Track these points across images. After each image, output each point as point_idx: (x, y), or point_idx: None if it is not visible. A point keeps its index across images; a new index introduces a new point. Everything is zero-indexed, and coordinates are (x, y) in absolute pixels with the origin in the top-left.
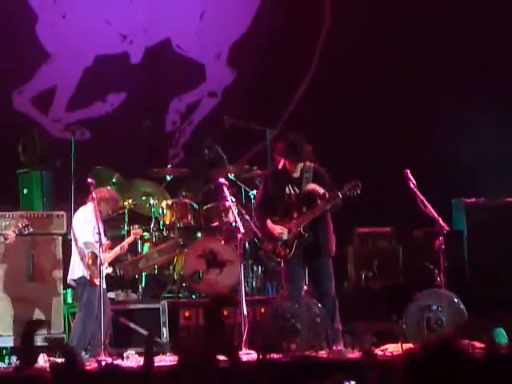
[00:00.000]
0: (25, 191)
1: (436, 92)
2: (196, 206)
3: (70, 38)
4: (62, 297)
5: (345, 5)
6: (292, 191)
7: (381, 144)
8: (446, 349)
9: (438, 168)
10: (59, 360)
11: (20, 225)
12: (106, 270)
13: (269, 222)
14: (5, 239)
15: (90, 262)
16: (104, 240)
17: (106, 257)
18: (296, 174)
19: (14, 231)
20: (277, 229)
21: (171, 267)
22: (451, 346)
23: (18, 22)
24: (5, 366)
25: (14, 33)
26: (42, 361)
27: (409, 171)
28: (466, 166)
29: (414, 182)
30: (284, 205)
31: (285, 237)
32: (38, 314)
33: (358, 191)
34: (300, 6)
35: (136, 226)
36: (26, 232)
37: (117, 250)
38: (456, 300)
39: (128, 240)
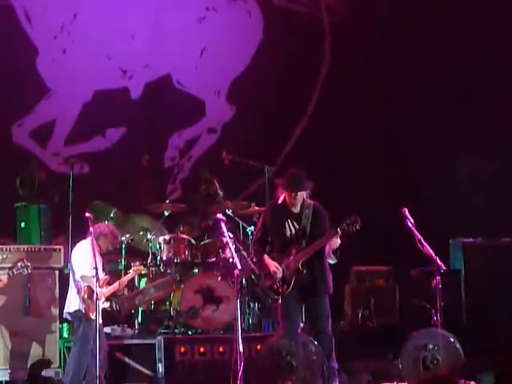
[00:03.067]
0: (22, 225)
1: (433, 133)
2: (193, 241)
3: (70, 73)
4: (57, 331)
5: (344, 45)
6: (291, 226)
7: (379, 182)
8: None
9: (437, 207)
10: None
11: (19, 265)
12: (103, 304)
13: (266, 258)
14: None
15: (86, 296)
16: (102, 275)
17: (104, 292)
18: (296, 210)
19: (9, 273)
20: (272, 266)
21: (168, 303)
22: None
23: (19, 56)
24: None
25: (15, 67)
26: None
27: (407, 210)
28: (465, 206)
29: (411, 220)
30: (283, 240)
31: (279, 275)
32: (34, 348)
33: (357, 227)
34: (300, 44)
35: (137, 263)
36: (25, 273)
37: (115, 285)
38: (452, 340)
39: (128, 276)
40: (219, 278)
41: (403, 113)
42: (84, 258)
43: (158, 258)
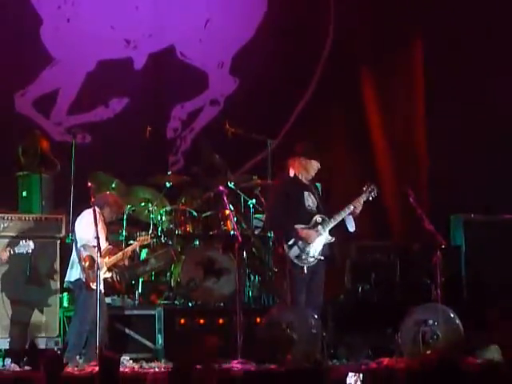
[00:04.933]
0: (24, 194)
1: (433, 104)
2: (195, 213)
3: (73, 42)
4: (57, 300)
5: (349, 19)
6: (310, 198)
7: (381, 157)
8: (445, 367)
9: (438, 183)
10: None
11: (21, 243)
12: (105, 274)
13: (299, 228)
14: None
15: (87, 265)
16: (105, 245)
17: (106, 261)
18: (307, 182)
19: (10, 251)
20: (313, 234)
21: (168, 274)
22: (450, 364)
23: (22, 25)
24: None
25: (19, 36)
26: None
27: (408, 186)
28: (466, 182)
29: (413, 196)
30: (305, 211)
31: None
32: (35, 317)
33: (376, 194)
34: (304, 17)
35: (143, 233)
36: (27, 251)
37: (119, 255)
38: (452, 315)
39: (132, 246)
40: (220, 251)
41: (407, 88)
42: (86, 228)
43: (160, 229)
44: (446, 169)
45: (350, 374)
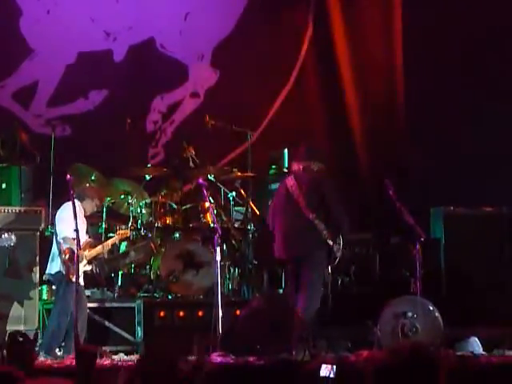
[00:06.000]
0: (3, 186)
1: (414, 97)
2: (175, 206)
3: (53, 34)
4: (37, 293)
5: (328, 14)
6: None
7: (361, 150)
8: (415, 356)
9: (417, 176)
10: None
11: (3, 237)
12: (85, 267)
13: None
14: None
15: (67, 257)
16: (85, 237)
17: (86, 254)
18: None
19: None
20: None
21: (148, 267)
22: (421, 353)
23: (2, 16)
24: None
25: None
26: None
27: (388, 179)
28: (445, 175)
29: (392, 189)
30: None
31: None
32: (14, 310)
33: None
34: (284, 11)
35: (123, 227)
36: (8, 245)
37: (99, 248)
38: (431, 308)
39: (112, 240)
40: (200, 243)
41: (383, 80)
42: (66, 220)
43: (139, 221)
44: (427, 160)
45: (324, 365)
